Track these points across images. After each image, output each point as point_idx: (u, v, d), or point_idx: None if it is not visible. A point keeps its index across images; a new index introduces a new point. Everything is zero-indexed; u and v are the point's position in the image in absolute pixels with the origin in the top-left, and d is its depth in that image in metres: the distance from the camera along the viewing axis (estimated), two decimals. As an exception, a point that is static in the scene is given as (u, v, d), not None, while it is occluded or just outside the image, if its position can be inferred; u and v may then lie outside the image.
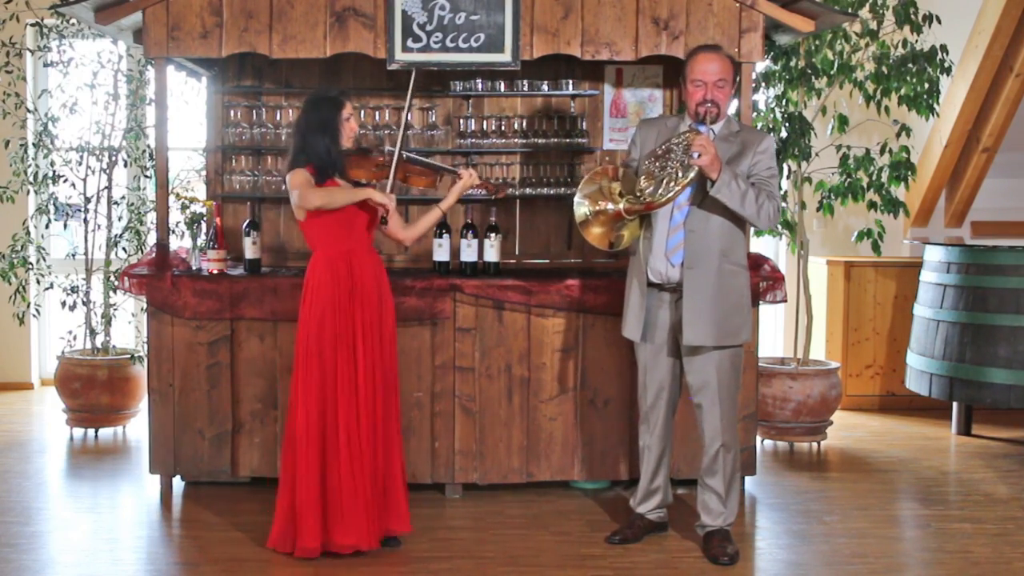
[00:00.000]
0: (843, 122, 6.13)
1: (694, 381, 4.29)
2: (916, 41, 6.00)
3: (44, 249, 6.78)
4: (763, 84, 6.08)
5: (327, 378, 4.19)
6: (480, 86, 5.59)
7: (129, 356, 6.29)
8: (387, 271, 5.00)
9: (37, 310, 6.82)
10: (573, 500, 5.02)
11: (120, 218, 6.63)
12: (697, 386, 4.28)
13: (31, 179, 6.48)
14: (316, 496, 4.17)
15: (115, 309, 6.55)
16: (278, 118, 5.66)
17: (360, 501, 4.17)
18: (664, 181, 4.07)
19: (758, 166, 4.20)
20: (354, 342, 4.21)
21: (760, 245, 6.94)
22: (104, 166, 6.46)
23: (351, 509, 4.16)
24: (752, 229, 5.17)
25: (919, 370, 6.25)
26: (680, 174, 4.04)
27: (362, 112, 5.63)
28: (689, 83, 4.20)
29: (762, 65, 5.97)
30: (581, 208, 4.20)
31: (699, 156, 3.97)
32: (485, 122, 5.70)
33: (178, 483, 5.16)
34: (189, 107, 6.49)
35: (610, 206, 4.18)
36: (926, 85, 5.96)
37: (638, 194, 4.13)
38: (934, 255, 6.26)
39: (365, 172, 4.46)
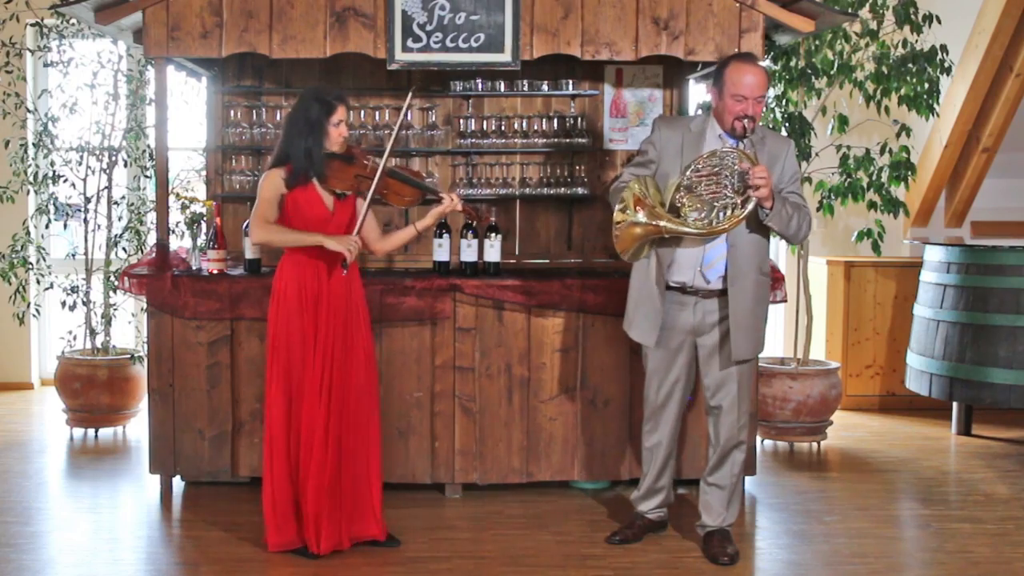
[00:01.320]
0: (843, 122, 6.13)
1: (714, 384, 4.27)
2: (916, 41, 6.00)
3: (44, 249, 6.78)
4: (763, 84, 6.07)
5: (293, 381, 4.20)
6: (480, 86, 5.59)
7: (129, 356, 6.29)
8: (387, 271, 5.01)
9: (37, 310, 6.82)
10: (573, 500, 5.02)
11: (120, 218, 6.63)
12: (716, 388, 4.27)
13: (31, 179, 6.48)
14: (289, 496, 4.20)
15: (115, 309, 6.55)
16: (278, 118, 5.65)
17: (322, 503, 4.17)
18: (715, 210, 4.01)
19: (786, 176, 4.20)
20: (316, 347, 4.19)
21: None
22: (104, 166, 6.46)
23: (314, 510, 4.18)
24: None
25: (919, 370, 6.25)
26: (739, 203, 3.98)
27: (362, 112, 5.63)
28: (728, 96, 4.08)
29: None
30: (640, 215, 4.05)
31: (758, 189, 3.94)
32: (485, 122, 5.70)
33: (178, 483, 5.16)
34: (189, 107, 6.49)
35: (662, 223, 4.05)
36: (926, 85, 5.96)
37: (683, 216, 4.03)
38: (934, 255, 6.26)
39: (344, 182, 4.23)
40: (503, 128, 5.70)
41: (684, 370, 4.33)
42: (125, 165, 6.58)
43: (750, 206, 3.97)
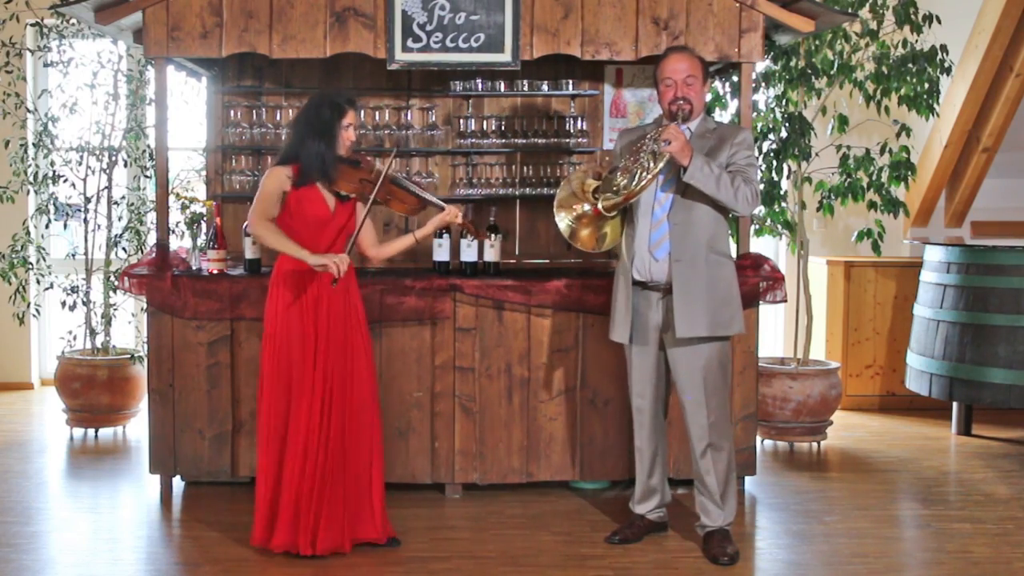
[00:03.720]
0: (843, 122, 6.13)
1: (680, 379, 4.29)
2: (916, 41, 6.00)
3: (44, 249, 6.78)
4: (763, 84, 6.08)
5: (293, 382, 4.18)
6: (480, 86, 5.59)
7: (129, 356, 6.29)
8: (387, 271, 5.01)
9: (37, 310, 6.82)
10: (573, 500, 5.02)
11: (120, 218, 6.63)
12: (683, 385, 4.28)
13: (31, 179, 6.49)
14: (283, 495, 4.17)
15: (115, 309, 6.55)
16: (278, 118, 5.66)
17: (320, 505, 4.16)
18: (637, 172, 4.12)
19: (736, 156, 4.22)
20: (316, 347, 4.18)
21: (760, 245, 6.94)
22: (104, 166, 6.46)
23: (311, 512, 4.15)
24: (752, 228, 5.15)
25: (919, 370, 6.25)
26: (652, 163, 4.08)
27: (362, 112, 5.63)
28: (660, 84, 4.25)
29: (762, 65, 5.97)
30: (562, 222, 4.28)
31: (669, 144, 4.01)
32: (485, 122, 5.70)
33: (178, 483, 5.16)
34: (189, 107, 6.49)
35: (586, 207, 4.25)
36: (926, 85, 5.96)
37: (615, 189, 4.17)
38: (934, 255, 6.26)
39: (349, 184, 4.24)
40: (503, 128, 5.70)
41: (656, 368, 4.34)
42: (125, 165, 6.58)
43: (663, 161, 4.06)
